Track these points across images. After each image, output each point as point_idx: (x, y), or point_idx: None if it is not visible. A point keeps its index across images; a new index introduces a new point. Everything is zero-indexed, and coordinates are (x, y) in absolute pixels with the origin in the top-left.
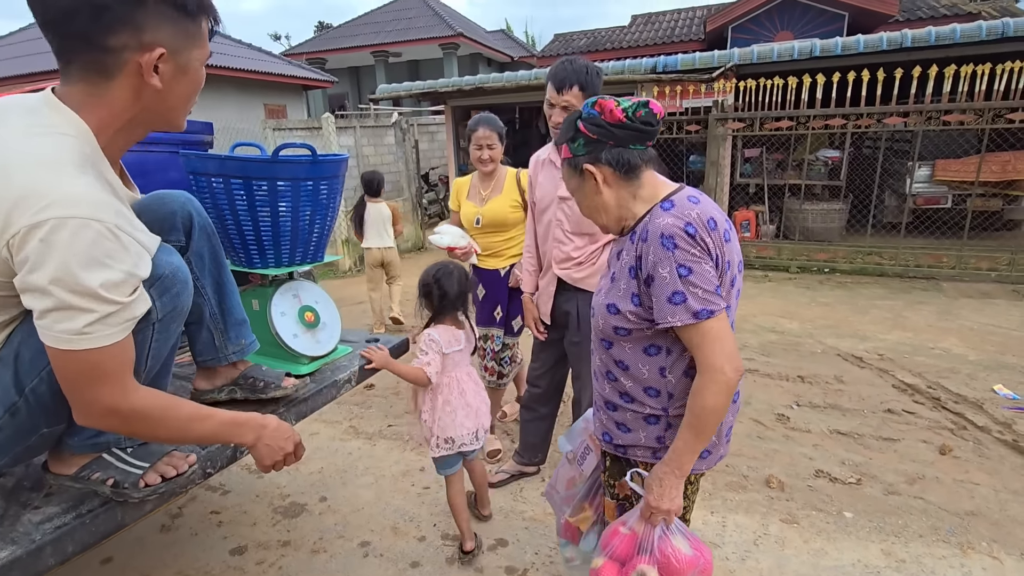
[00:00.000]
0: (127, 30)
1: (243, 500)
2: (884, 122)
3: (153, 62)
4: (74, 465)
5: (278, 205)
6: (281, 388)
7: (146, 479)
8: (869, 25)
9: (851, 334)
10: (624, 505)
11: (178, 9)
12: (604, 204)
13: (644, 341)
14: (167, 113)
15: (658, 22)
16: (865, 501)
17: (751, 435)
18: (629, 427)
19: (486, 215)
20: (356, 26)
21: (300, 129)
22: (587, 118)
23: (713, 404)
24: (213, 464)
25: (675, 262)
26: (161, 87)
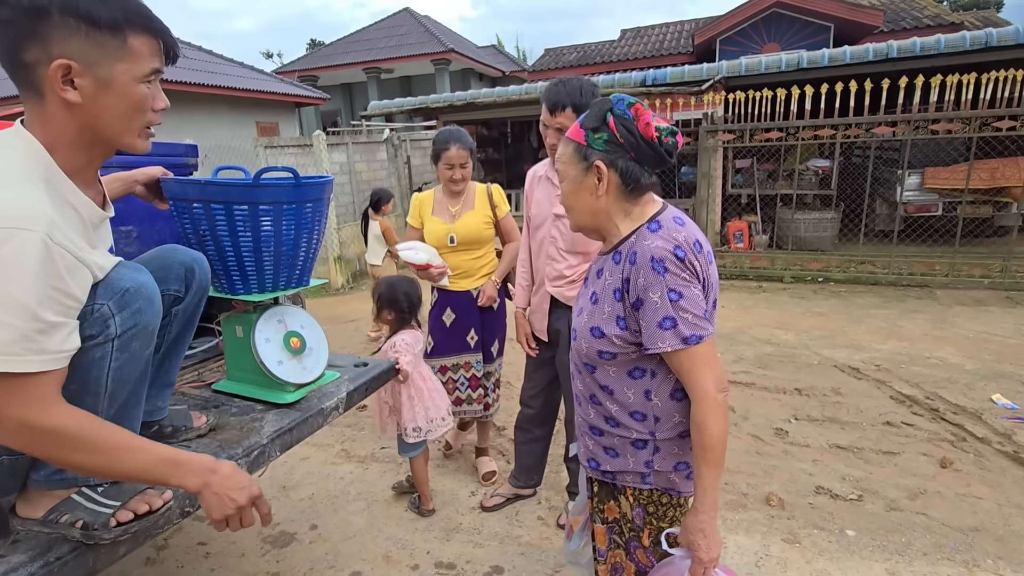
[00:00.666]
0: (35, 44)
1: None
2: (873, 132)
3: (58, 75)
4: (42, 507)
5: (260, 230)
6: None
7: (117, 517)
8: (855, 36)
9: (847, 344)
10: (614, 528)
11: (88, 22)
12: (594, 208)
13: (628, 364)
14: (105, 130)
15: (647, 36)
16: (867, 518)
17: (749, 451)
18: (617, 452)
19: (460, 233)
20: (348, 43)
21: (292, 147)
22: (620, 117)
23: (719, 430)
24: (192, 502)
25: (666, 286)
26: (80, 102)
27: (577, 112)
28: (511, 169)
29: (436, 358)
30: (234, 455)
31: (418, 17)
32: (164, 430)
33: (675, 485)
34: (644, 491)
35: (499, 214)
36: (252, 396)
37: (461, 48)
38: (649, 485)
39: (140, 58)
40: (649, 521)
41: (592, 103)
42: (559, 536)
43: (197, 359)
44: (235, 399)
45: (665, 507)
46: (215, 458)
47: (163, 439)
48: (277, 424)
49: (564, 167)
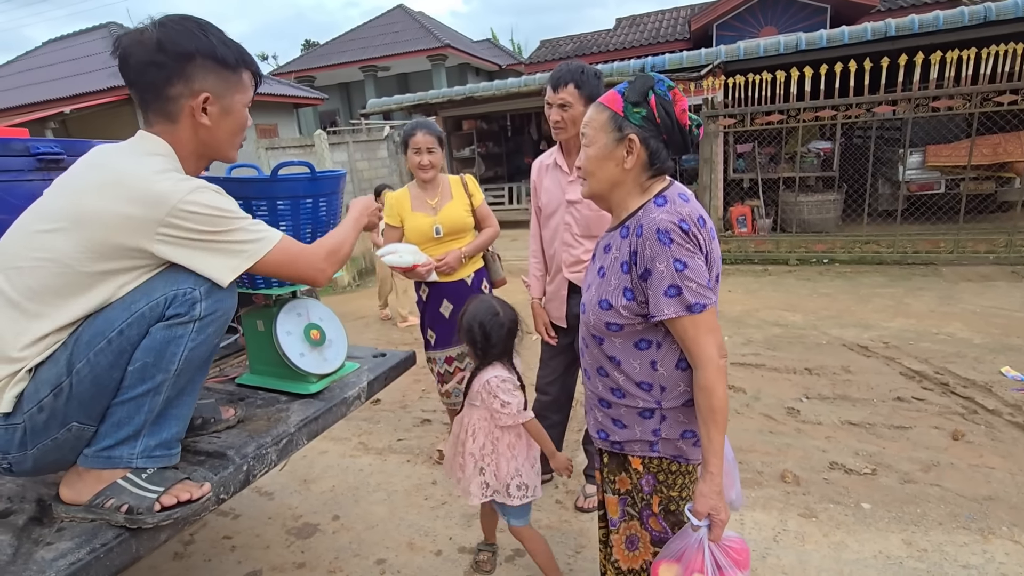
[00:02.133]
0: (181, 81)
1: (255, 523)
2: (873, 111)
3: (201, 104)
4: (87, 492)
5: (279, 224)
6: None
7: (162, 501)
8: (852, 16)
9: (855, 324)
10: (626, 499)
11: (219, 63)
12: (615, 178)
13: (635, 336)
14: (219, 146)
15: (643, 24)
16: (882, 491)
17: (762, 431)
18: (624, 423)
19: (445, 223)
20: (343, 42)
21: (293, 147)
22: (661, 97)
23: (723, 392)
24: (226, 490)
25: (671, 256)
26: (211, 125)
27: (579, 89)
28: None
29: (441, 349)
30: (264, 443)
31: (412, 14)
32: (194, 422)
33: (683, 452)
34: (653, 460)
35: (475, 202)
36: (276, 388)
37: (457, 43)
38: (657, 453)
39: (247, 89)
40: (659, 489)
41: (636, 78)
42: (578, 519)
43: (218, 355)
44: (259, 392)
45: (674, 475)
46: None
47: (193, 431)
48: (303, 413)
49: (593, 132)
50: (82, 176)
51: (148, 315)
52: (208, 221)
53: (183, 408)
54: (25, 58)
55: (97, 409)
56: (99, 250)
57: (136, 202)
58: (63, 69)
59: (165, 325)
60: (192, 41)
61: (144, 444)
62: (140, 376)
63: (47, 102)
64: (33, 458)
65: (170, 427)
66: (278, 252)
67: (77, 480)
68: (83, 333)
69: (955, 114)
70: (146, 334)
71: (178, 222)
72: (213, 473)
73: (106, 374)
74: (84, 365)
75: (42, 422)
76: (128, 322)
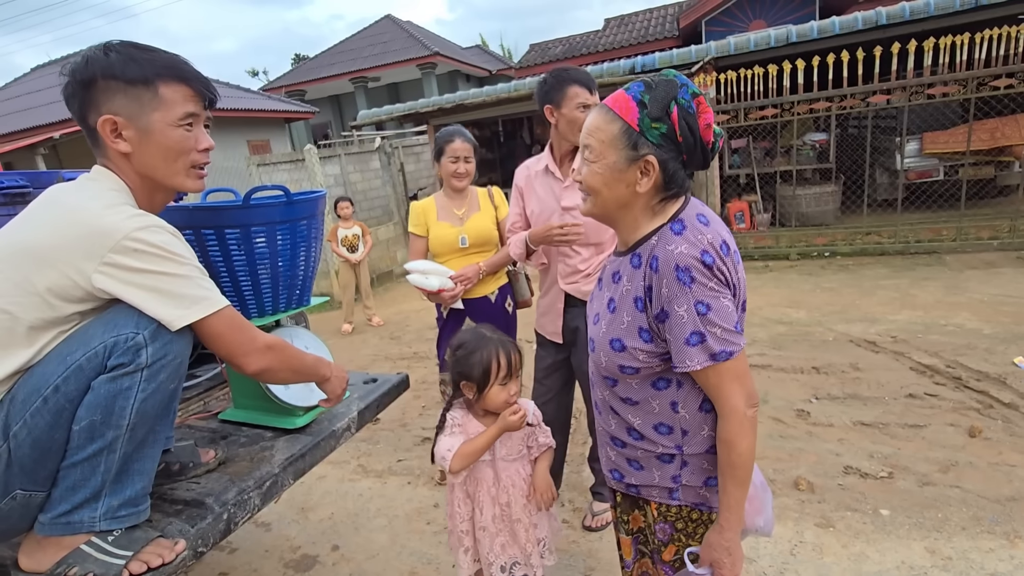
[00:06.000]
0: (92, 110)
1: (252, 557)
2: (868, 101)
3: (106, 129)
4: (47, 560)
5: (255, 252)
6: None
7: (130, 568)
8: (841, 6)
9: (860, 318)
10: (639, 537)
11: (124, 82)
12: (625, 200)
13: (652, 376)
14: (155, 174)
15: (631, 23)
16: (900, 496)
17: (772, 435)
18: (641, 464)
19: (471, 234)
20: (333, 55)
21: (284, 163)
22: (684, 109)
23: (747, 447)
24: (205, 542)
25: (693, 299)
26: (132, 150)
27: (593, 92)
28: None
29: None
30: (245, 488)
31: (400, 23)
32: (171, 467)
33: (706, 500)
34: (672, 508)
35: (500, 215)
36: (260, 423)
37: (446, 51)
38: (677, 501)
39: (173, 105)
40: (677, 538)
41: (657, 84)
42: (586, 539)
43: (202, 388)
44: (243, 428)
45: (695, 523)
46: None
47: (170, 477)
48: (288, 451)
49: (601, 146)
50: (31, 214)
51: (87, 367)
52: (157, 261)
53: (146, 462)
54: (14, 85)
55: (43, 474)
56: (38, 291)
57: (81, 236)
58: (52, 94)
59: (108, 377)
60: (91, 65)
61: (107, 505)
62: (88, 435)
63: (36, 128)
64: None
65: (134, 483)
66: (226, 316)
67: (36, 548)
68: (18, 391)
69: (951, 100)
70: (87, 389)
71: (122, 258)
72: (190, 525)
73: (46, 436)
74: (21, 427)
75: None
76: (64, 376)
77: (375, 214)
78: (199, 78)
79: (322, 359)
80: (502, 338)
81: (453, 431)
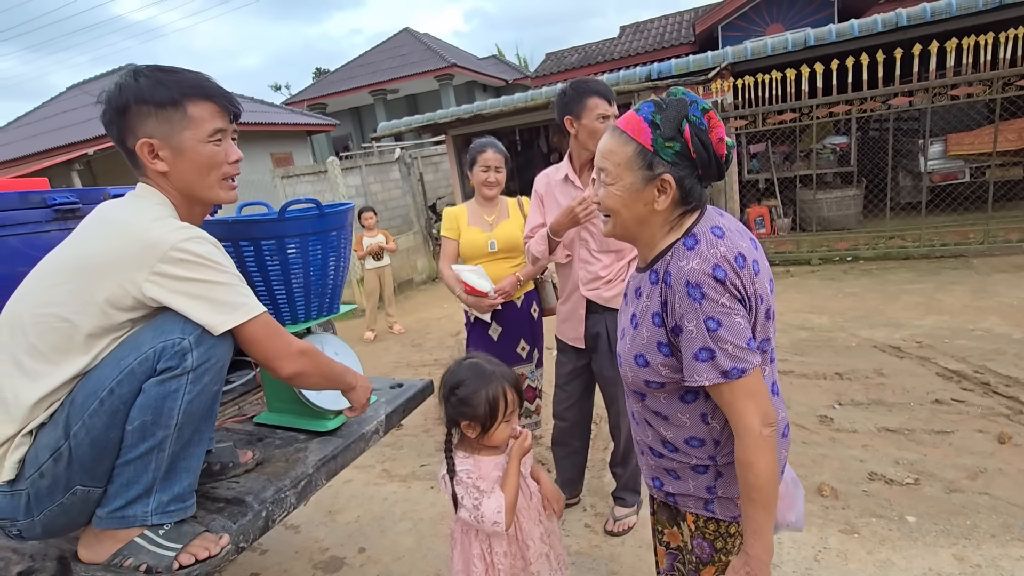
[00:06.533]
0: (129, 134)
1: (282, 558)
2: (890, 103)
3: (144, 151)
4: (105, 552)
5: (289, 263)
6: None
7: (180, 560)
8: (860, 8)
9: (884, 323)
10: (676, 555)
11: (155, 105)
12: (643, 218)
13: (679, 390)
14: (190, 188)
15: (647, 30)
16: (927, 502)
17: (795, 441)
18: (679, 475)
19: (500, 239)
20: (353, 68)
21: (307, 175)
22: (696, 126)
23: (766, 467)
24: (246, 538)
25: (702, 314)
26: (168, 169)
27: (612, 102)
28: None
29: None
30: (282, 487)
31: (418, 36)
32: (213, 467)
33: None
34: (709, 523)
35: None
36: (294, 426)
37: (463, 62)
38: (711, 513)
39: (201, 122)
40: (717, 558)
41: (667, 104)
42: (608, 543)
43: (237, 393)
44: (277, 430)
45: (733, 538)
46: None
47: (212, 476)
48: (321, 452)
49: (617, 169)
50: (85, 229)
51: (138, 370)
52: (200, 270)
53: (192, 460)
54: (50, 104)
55: (100, 471)
56: (96, 301)
57: (132, 248)
58: (86, 112)
59: (158, 380)
60: (123, 92)
61: (157, 500)
62: (141, 435)
63: (72, 145)
64: (41, 524)
65: (181, 480)
66: (262, 323)
67: (94, 540)
68: (77, 394)
69: (976, 101)
70: (139, 391)
71: (169, 268)
72: (232, 521)
73: (103, 435)
74: (80, 428)
75: (45, 488)
76: (118, 380)
77: (395, 223)
78: (223, 94)
79: (349, 368)
80: (503, 371)
81: (479, 485)
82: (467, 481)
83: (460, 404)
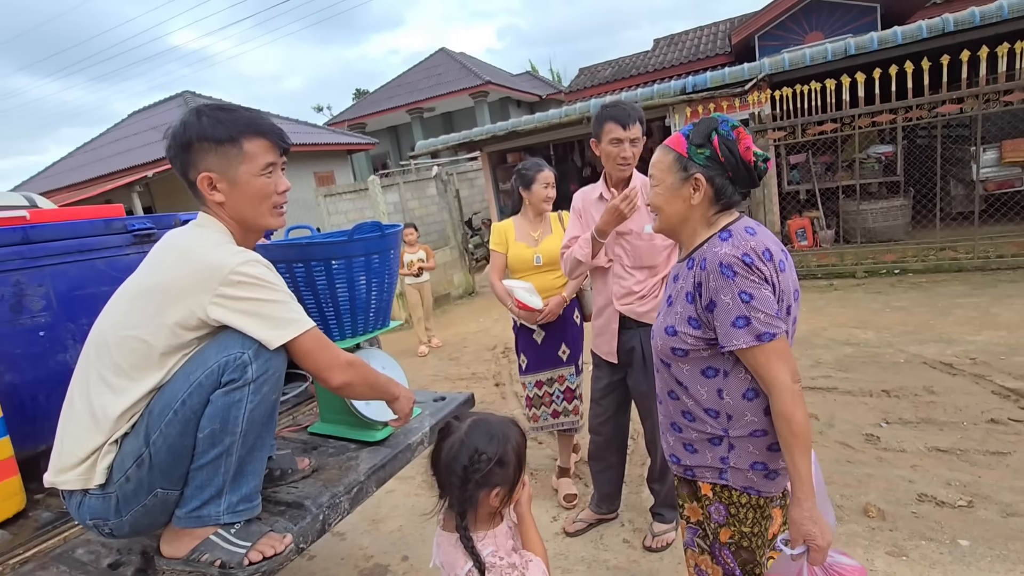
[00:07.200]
0: (191, 168)
1: (329, 564)
2: (937, 111)
3: (204, 184)
4: (184, 547)
5: (356, 280)
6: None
7: (249, 557)
8: (904, 13)
9: (935, 339)
10: (696, 530)
11: (213, 142)
12: (683, 214)
13: (701, 363)
14: (244, 217)
15: (681, 42)
16: (981, 526)
17: (839, 460)
18: (695, 447)
19: (545, 254)
20: (391, 88)
21: (349, 193)
22: (724, 137)
23: (800, 416)
24: (305, 539)
25: (736, 288)
26: (224, 200)
27: (642, 125)
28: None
29: (531, 374)
30: (337, 493)
31: (454, 55)
32: (274, 473)
33: (754, 484)
34: (723, 490)
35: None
36: (345, 436)
37: (497, 79)
38: (726, 481)
39: (255, 157)
40: (730, 522)
41: (700, 122)
42: (647, 559)
43: (290, 404)
44: (330, 440)
45: (745, 508)
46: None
47: (272, 482)
48: (371, 461)
49: (660, 173)
50: (155, 256)
51: (205, 383)
52: (256, 290)
53: (257, 463)
54: (114, 130)
55: (176, 475)
56: (167, 323)
57: (196, 274)
58: (146, 137)
59: (223, 392)
60: (187, 130)
61: (228, 501)
62: (211, 442)
63: (133, 168)
64: (129, 523)
65: (248, 482)
66: (312, 336)
67: (174, 537)
68: (154, 406)
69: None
70: (207, 402)
71: (229, 290)
72: (293, 523)
73: (178, 442)
74: (158, 436)
75: (131, 490)
76: (189, 392)
77: (431, 238)
78: (274, 130)
79: (393, 380)
80: (497, 417)
81: (512, 561)
82: (500, 564)
83: (495, 469)
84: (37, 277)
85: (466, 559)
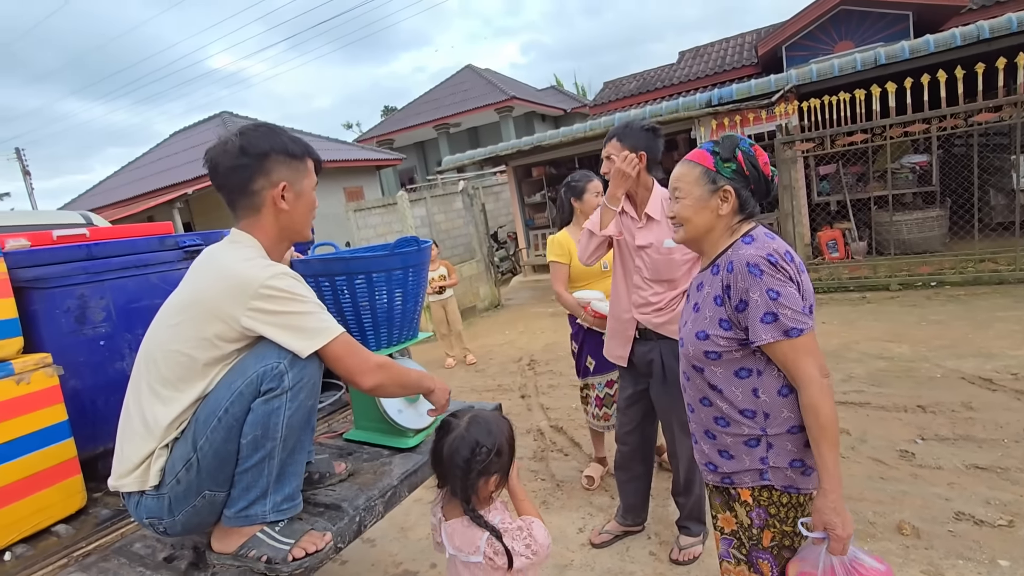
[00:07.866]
0: (262, 176)
1: (360, 569)
2: (973, 120)
3: (280, 192)
4: (233, 543)
5: (394, 292)
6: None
7: (293, 553)
8: (937, 20)
9: (974, 353)
10: (731, 541)
11: (290, 156)
12: (710, 224)
13: (734, 364)
14: (296, 227)
15: (707, 54)
16: (1022, 546)
17: (872, 476)
18: (731, 453)
19: (609, 259)
20: (418, 105)
21: (377, 207)
22: (746, 153)
23: (829, 409)
24: (343, 539)
25: (764, 286)
26: (289, 208)
27: (620, 141)
28: None
29: (602, 374)
30: (372, 496)
31: (479, 71)
32: (312, 476)
33: (794, 482)
34: (764, 492)
35: None
36: (379, 443)
37: (522, 94)
38: (768, 482)
39: (311, 173)
40: (772, 523)
41: (723, 139)
42: (674, 572)
43: (326, 411)
44: (364, 446)
45: (787, 507)
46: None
47: (311, 484)
48: (404, 467)
49: (687, 186)
50: (194, 272)
51: (246, 392)
52: (285, 303)
53: (297, 465)
54: (156, 149)
55: (222, 477)
56: (208, 336)
57: (232, 289)
58: (186, 156)
59: (263, 400)
60: (267, 141)
61: (272, 501)
62: (254, 447)
63: (174, 185)
64: (181, 522)
65: (290, 482)
66: (342, 342)
67: (224, 535)
68: (200, 414)
69: None
70: (248, 410)
71: (261, 303)
72: (331, 524)
73: (223, 447)
74: (204, 442)
75: (181, 492)
76: (231, 400)
77: (458, 252)
78: (318, 155)
79: (424, 374)
80: (484, 412)
81: (519, 524)
82: (511, 527)
83: (492, 459)
84: (99, 291)
85: (482, 532)
